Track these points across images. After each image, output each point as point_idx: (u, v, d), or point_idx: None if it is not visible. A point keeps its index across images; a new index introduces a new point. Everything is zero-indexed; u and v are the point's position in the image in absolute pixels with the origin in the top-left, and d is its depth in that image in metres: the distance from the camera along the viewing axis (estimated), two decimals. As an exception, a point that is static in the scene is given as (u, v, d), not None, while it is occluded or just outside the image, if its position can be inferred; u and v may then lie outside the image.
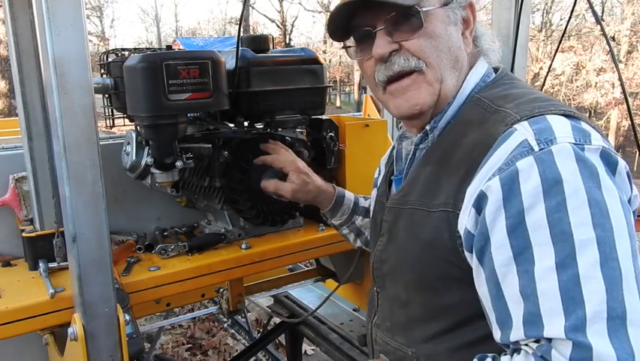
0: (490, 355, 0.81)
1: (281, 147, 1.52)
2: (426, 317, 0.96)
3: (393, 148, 1.23)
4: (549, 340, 0.72)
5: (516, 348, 0.77)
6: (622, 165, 0.80)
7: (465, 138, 0.90)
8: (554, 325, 0.71)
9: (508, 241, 0.77)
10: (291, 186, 1.40)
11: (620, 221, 0.74)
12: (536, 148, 0.77)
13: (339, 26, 1.01)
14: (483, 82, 0.99)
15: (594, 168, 0.75)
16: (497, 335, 0.79)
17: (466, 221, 0.83)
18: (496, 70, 1.03)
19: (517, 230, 0.76)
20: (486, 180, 0.80)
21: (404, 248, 0.98)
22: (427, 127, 0.99)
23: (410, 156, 1.05)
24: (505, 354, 0.79)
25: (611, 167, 0.78)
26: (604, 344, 0.67)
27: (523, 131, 0.80)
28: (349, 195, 1.43)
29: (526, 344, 0.75)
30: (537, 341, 0.73)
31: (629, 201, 0.82)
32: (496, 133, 0.84)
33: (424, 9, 0.93)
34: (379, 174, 1.30)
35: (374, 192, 1.29)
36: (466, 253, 0.85)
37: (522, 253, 0.75)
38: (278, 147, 1.51)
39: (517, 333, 0.75)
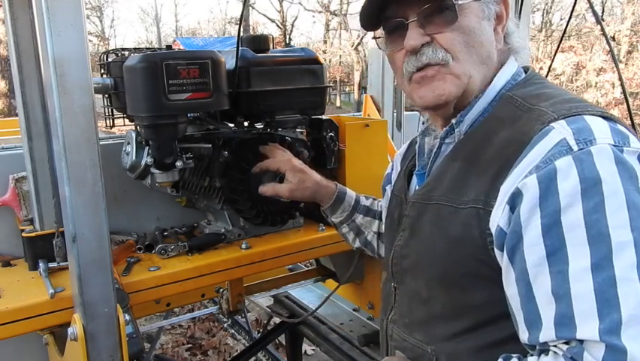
0: (515, 355, 0.80)
1: (277, 148, 1.51)
2: (449, 314, 0.95)
3: (411, 144, 1.23)
4: (581, 341, 0.71)
5: (544, 349, 0.76)
6: None
7: (496, 136, 0.89)
8: (588, 327, 0.70)
9: (542, 240, 0.76)
10: (288, 186, 1.40)
11: None
12: (575, 148, 0.76)
13: (370, 16, 1.00)
14: (514, 80, 0.97)
15: (633, 171, 0.75)
16: (524, 335, 0.78)
17: (499, 218, 0.82)
18: (525, 70, 1.01)
19: (553, 229, 0.75)
20: (522, 177, 0.79)
21: (429, 244, 0.96)
22: (453, 121, 0.98)
23: (435, 150, 1.03)
24: (532, 355, 0.78)
25: None
26: (639, 348, 0.67)
27: (561, 130, 0.79)
28: (351, 192, 1.42)
29: (556, 345, 0.74)
30: (567, 343, 0.73)
31: None
32: (532, 131, 0.83)
33: (459, 2, 0.92)
34: (393, 170, 1.29)
35: (388, 189, 1.28)
36: (497, 252, 0.84)
37: (556, 253, 0.74)
38: (273, 149, 1.50)
39: (547, 334, 0.74)
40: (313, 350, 3.25)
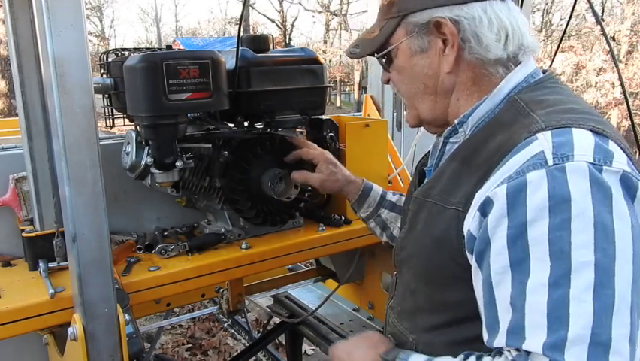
0: (476, 353, 0.83)
1: (307, 141, 1.61)
2: (429, 308, 0.99)
3: None
4: (528, 353, 0.72)
5: (499, 352, 0.78)
6: None
7: (493, 139, 0.90)
8: (535, 339, 0.71)
9: (507, 250, 0.77)
10: (319, 176, 1.48)
11: (626, 249, 0.72)
12: (550, 162, 0.76)
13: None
14: (526, 82, 0.96)
15: (609, 192, 0.74)
16: (485, 337, 0.81)
17: (470, 223, 0.84)
18: (544, 72, 1.00)
19: (518, 241, 0.76)
20: (495, 185, 0.80)
21: (419, 240, 1.00)
22: (456, 121, 0.99)
23: (440, 149, 1.06)
24: (489, 355, 0.80)
25: (631, 191, 0.77)
26: None
27: (542, 142, 0.79)
28: (377, 187, 1.47)
29: (508, 351, 0.76)
30: (518, 350, 0.74)
31: None
32: (518, 139, 0.83)
33: (381, 52, 1.04)
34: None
35: None
36: (468, 254, 0.86)
37: (519, 263, 0.76)
38: (307, 141, 1.60)
39: (500, 340, 0.76)
40: (313, 350, 3.25)
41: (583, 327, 0.69)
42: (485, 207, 0.81)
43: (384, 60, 1.07)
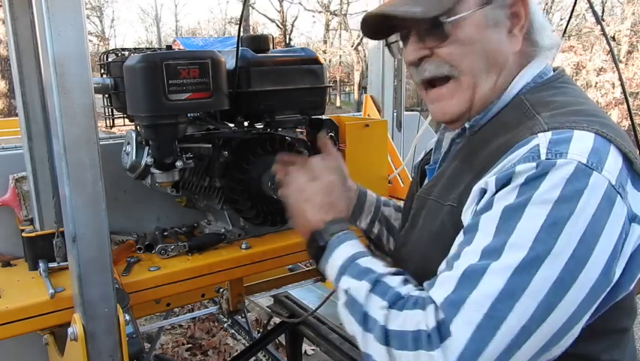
0: (408, 278, 0.89)
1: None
2: None
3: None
4: (433, 300, 0.77)
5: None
6: (623, 211, 0.76)
7: (496, 139, 0.89)
8: (441, 289, 0.76)
9: (470, 218, 0.82)
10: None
11: (567, 249, 0.72)
12: (543, 157, 0.76)
13: (374, 26, 1.01)
14: (534, 82, 0.95)
15: (582, 192, 0.73)
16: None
17: (467, 216, 0.85)
18: (554, 70, 0.99)
19: (479, 213, 0.80)
20: (489, 178, 0.81)
21: (418, 236, 1.01)
22: (467, 125, 0.98)
23: (446, 150, 1.06)
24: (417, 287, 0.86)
25: (610, 206, 0.75)
26: (464, 330, 0.71)
27: (540, 139, 0.79)
28: (371, 192, 1.36)
29: (422, 289, 0.83)
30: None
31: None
32: (520, 139, 0.83)
33: (454, 17, 0.89)
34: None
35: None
36: None
37: (468, 232, 0.80)
38: (330, 145, 1.34)
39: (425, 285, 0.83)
40: (313, 350, 3.25)
41: (484, 295, 0.72)
42: (479, 199, 0.82)
43: (438, 30, 0.91)
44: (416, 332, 0.75)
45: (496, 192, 0.79)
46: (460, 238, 0.82)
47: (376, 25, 1.01)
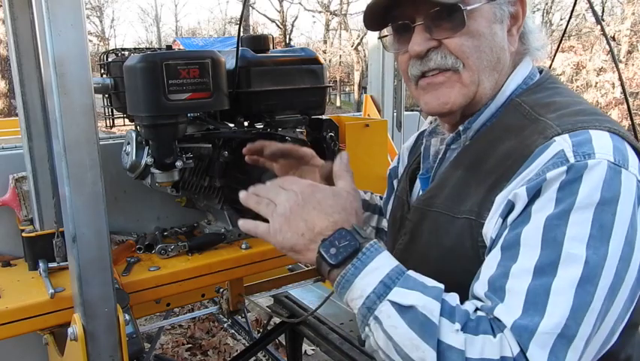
0: (451, 295, 0.78)
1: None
2: None
3: (418, 138, 1.20)
4: (499, 320, 0.71)
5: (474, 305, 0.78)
6: None
7: (500, 145, 0.87)
8: (509, 313, 0.71)
9: (505, 234, 0.77)
10: None
11: (617, 252, 0.72)
12: (572, 160, 0.75)
13: (375, 16, 0.96)
14: (525, 84, 0.94)
15: (619, 192, 0.73)
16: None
17: (492, 230, 0.81)
18: (540, 71, 0.98)
19: (517, 227, 0.76)
20: (516, 189, 0.79)
21: (426, 252, 0.95)
22: (460, 127, 0.95)
23: (440, 156, 1.02)
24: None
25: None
26: (540, 357, 0.68)
27: (561, 142, 0.78)
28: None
29: (480, 307, 0.75)
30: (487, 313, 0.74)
31: None
32: (534, 144, 0.81)
33: (469, 7, 0.87)
34: (399, 163, 1.26)
35: (395, 183, 1.24)
36: None
37: (509, 248, 0.76)
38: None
39: (479, 288, 0.77)
40: (313, 350, 3.25)
41: (558, 320, 0.70)
42: (507, 211, 0.79)
43: (454, 17, 0.88)
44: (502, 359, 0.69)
45: (529, 201, 0.76)
46: (496, 254, 0.77)
47: (378, 13, 0.95)
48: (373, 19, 0.97)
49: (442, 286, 0.76)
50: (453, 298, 0.75)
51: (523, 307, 0.71)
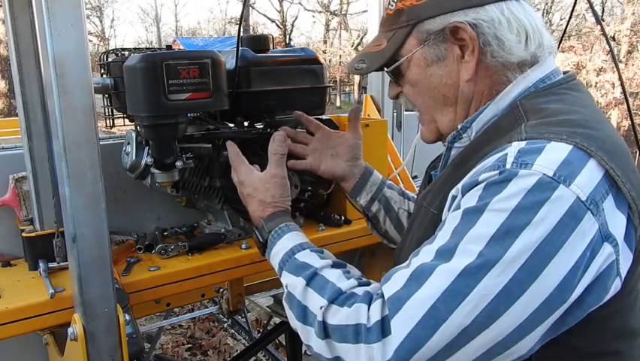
0: (350, 273, 0.97)
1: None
2: None
3: None
4: (382, 295, 0.80)
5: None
6: (592, 228, 0.73)
7: (487, 145, 0.88)
8: (392, 286, 0.79)
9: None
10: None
11: (518, 259, 0.71)
12: (508, 166, 0.76)
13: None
14: (535, 87, 0.93)
15: (542, 204, 0.72)
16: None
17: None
18: (565, 73, 0.97)
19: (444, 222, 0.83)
20: (460, 183, 0.84)
21: (409, 242, 1.02)
22: (459, 126, 0.98)
23: (445, 153, 1.04)
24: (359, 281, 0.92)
25: (575, 221, 0.72)
26: (402, 332, 0.73)
27: (512, 149, 0.78)
28: (377, 174, 1.41)
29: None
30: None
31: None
32: (499, 146, 0.82)
33: (392, 67, 0.99)
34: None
35: None
36: None
37: (436, 233, 0.83)
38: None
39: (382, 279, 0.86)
40: (313, 350, 3.24)
41: (431, 295, 0.73)
42: (450, 205, 0.85)
43: (394, 74, 1.01)
44: (357, 326, 0.79)
45: (462, 197, 0.81)
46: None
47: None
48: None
49: (319, 263, 0.95)
50: (332, 274, 0.92)
51: (405, 281, 0.78)
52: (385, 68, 1.00)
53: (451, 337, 0.72)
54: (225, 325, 3.46)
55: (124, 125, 1.54)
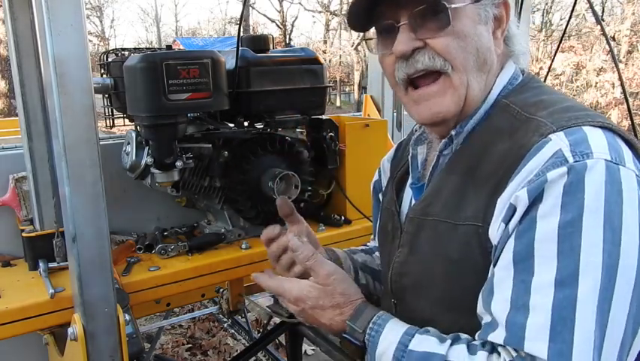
0: (465, 339, 0.81)
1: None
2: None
3: (398, 149, 1.19)
4: (532, 357, 0.71)
5: (494, 346, 0.77)
6: None
7: (494, 147, 0.86)
8: (538, 343, 0.70)
9: (513, 244, 0.75)
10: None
11: (633, 243, 0.72)
12: (571, 160, 0.74)
13: (359, 16, 0.93)
14: (510, 85, 0.93)
15: (622, 191, 0.73)
16: (479, 332, 0.80)
17: (495, 234, 0.80)
18: (522, 73, 0.97)
19: (524, 236, 0.74)
20: (516, 191, 0.77)
21: (428, 265, 0.92)
22: (453, 132, 0.93)
23: (434, 163, 0.99)
24: (482, 350, 0.77)
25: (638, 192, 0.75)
26: None
27: (558, 142, 0.77)
28: (335, 249, 1.27)
29: (504, 347, 0.74)
30: (517, 350, 0.73)
31: None
32: (529, 143, 0.80)
33: (454, 5, 0.85)
34: (381, 177, 1.25)
35: (381, 197, 1.22)
36: None
37: (522, 261, 0.74)
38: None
39: (498, 335, 0.75)
40: (313, 350, 3.25)
41: (587, 332, 0.69)
42: (509, 215, 0.78)
43: (439, 16, 0.86)
44: None
45: (531, 204, 0.75)
46: (507, 267, 0.76)
47: (362, 13, 0.92)
48: (357, 19, 0.94)
49: (441, 349, 0.80)
50: (460, 354, 0.78)
51: (550, 330, 0.70)
52: (446, 3, 0.85)
53: (614, 352, 0.71)
54: (225, 325, 3.45)
55: (124, 125, 1.54)
